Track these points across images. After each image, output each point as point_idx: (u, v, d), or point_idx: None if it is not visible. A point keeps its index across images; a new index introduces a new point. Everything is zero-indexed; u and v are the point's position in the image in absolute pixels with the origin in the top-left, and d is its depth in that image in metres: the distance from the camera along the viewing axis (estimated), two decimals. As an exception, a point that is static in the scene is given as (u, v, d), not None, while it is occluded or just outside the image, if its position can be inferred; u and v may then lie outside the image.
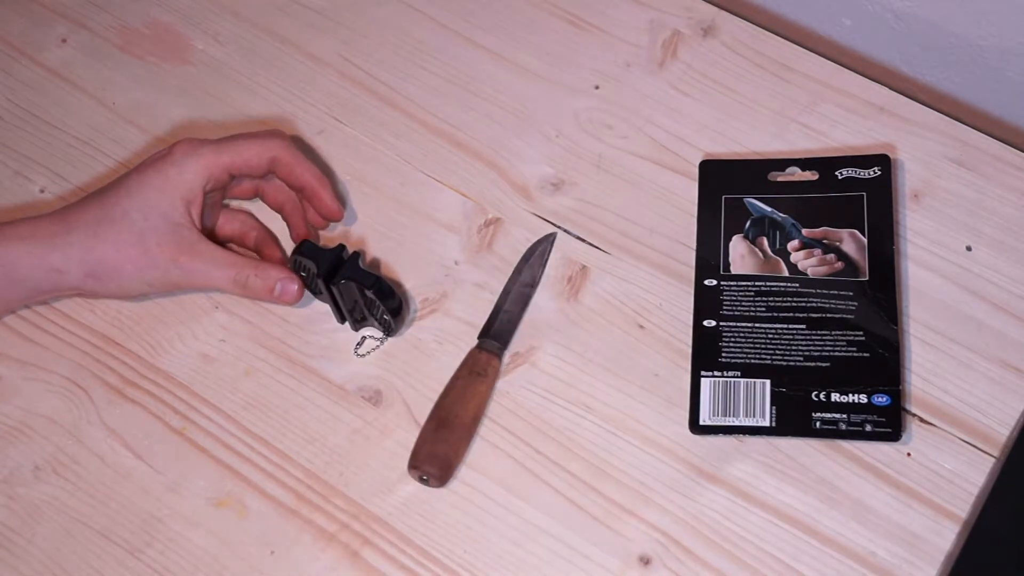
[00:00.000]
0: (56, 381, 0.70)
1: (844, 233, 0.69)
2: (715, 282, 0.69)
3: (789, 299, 0.68)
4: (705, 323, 0.68)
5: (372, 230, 0.73)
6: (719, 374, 0.66)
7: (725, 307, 0.68)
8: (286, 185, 0.71)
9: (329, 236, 0.73)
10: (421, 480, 0.65)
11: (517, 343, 0.69)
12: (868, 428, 0.64)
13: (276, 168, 0.70)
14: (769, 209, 0.71)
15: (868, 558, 0.62)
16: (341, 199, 0.72)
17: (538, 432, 0.67)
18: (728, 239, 0.70)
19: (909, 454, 0.64)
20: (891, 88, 0.75)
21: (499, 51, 0.79)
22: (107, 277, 0.67)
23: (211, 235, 0.71)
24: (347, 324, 0.70)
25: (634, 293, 0.70)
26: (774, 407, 0.65)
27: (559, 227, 0.72)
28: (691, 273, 0.70)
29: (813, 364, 0.65)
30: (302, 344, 0.70)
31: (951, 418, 0.65)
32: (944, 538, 0.62)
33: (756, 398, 0.65)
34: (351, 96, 0.78)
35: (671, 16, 0.79)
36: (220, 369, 0.70)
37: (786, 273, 0.68)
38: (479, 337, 0.69)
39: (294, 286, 0.68)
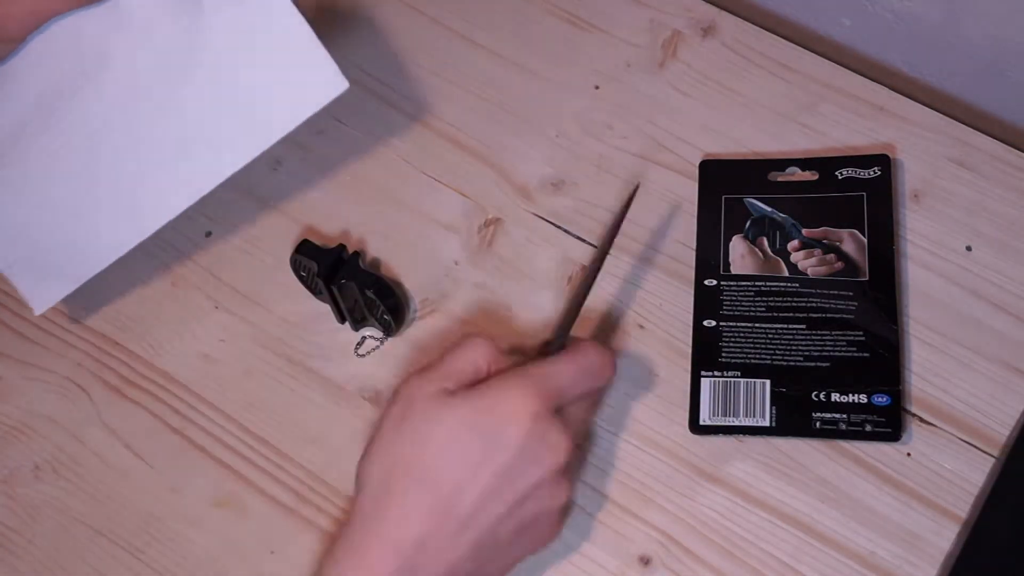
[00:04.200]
0: (56, 381, 0.70)
1: (844, 233, 0.69)
2: (715, 282, 0.69)
3: (789, 299, 0.68)
4: (705, 323, 0.68)
5: (372, 230, 0.73)
6: (719, 374, 0.66)
7: (725, 307, 0.68)
8: None
9: (329, 236, 0.73)
10: None
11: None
12: (868, 428, 0.64)
13: None
14: (769, 209, 0.71)
15: (868, 558, 0.62)
16: None
17: (538, 432, 0.67)
18: (728, 239, 0.70)
19: (909, 454, 0.64)
20: (891, 88, 0.75)
21: (499, 51, 0.79)
22: None
23: None
24: (347, 324, 0.70)
25: (634, 293, 0.70)
26: (774, 407, 0.65)
27: (559, 227, 0.72)
28: (691, 273, 0.70)
29: (813, 364, 0.65)
30: (302, 344, 0.70)
31: (951, 418, 0.65)
32: (944, 538, 0.62)
33: (756, 398, 0.65)
34: (351, 96, 0.78)
35: (671, 16, 0.79)
36: (220, 369, 0.70)
37: (786, 273, 0.68)
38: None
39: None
